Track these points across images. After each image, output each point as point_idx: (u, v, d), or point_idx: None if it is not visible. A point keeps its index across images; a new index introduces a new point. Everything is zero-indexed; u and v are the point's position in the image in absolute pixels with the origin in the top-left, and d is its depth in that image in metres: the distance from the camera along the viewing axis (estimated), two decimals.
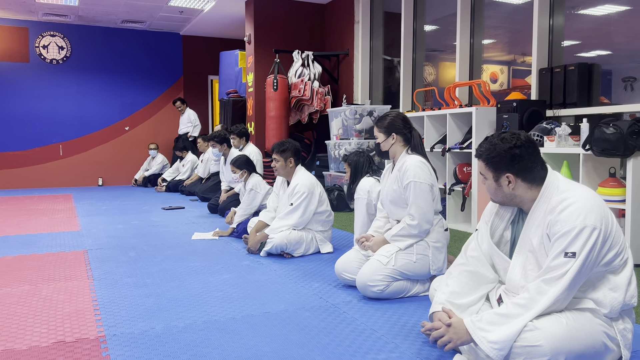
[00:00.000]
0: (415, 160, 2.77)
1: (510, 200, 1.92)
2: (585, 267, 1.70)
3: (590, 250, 1.69)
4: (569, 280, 1.70)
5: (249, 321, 2.37)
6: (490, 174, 1.91)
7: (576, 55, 4.69)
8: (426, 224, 2.72)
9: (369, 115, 6.30)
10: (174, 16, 8.97)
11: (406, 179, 2.73)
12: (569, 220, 1.71)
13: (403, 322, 2.35)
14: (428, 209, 2.71)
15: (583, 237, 1.69)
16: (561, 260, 1.71)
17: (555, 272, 1.72)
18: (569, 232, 1.70)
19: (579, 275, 1.70)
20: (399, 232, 2.74)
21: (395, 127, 2.84)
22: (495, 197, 1.96)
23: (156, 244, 4.19)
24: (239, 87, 8.76)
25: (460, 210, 4.93)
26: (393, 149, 2.87)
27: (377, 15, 7.34)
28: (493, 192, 1.94)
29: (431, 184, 2.75)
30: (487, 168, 1.90)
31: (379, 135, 2.90)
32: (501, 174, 1.87)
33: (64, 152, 9.70)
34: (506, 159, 1.84)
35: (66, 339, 2.17)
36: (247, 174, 4.67)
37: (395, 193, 2.81)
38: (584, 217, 1.70)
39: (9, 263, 3.55)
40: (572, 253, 1.70)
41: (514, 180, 1.86)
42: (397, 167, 2.83)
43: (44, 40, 9.42)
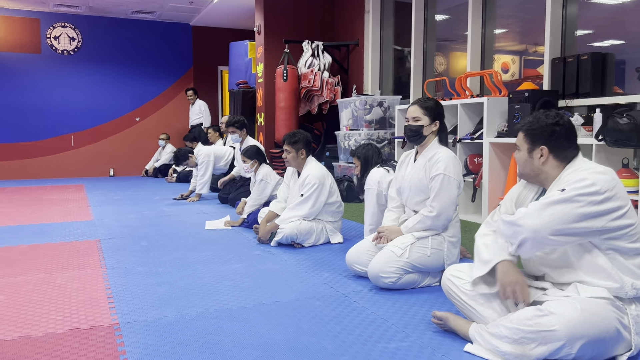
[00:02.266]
0: (449, 153, 2.72)
1: (536, 175, 1.97)
2: (569, 204, 1.75)
3: (579, 194, 1.75)
4: (545, 203, 1.79)
5: (260, 310, 2.39)
6: (525, 145, 1.97)
7: (589, 44, 4.63)
8: (445, 219, 2.70)
9: (379, 106, 6.28)
10: (184, 7, 8.97)
11: (436, 170, 2.68)
12: (575, 175, 1.82)
13: (413, 312, 2.36)
14: (450, 204, 2.69)
15: (580, 183, 1.77)
16: (553, 192, 1.83)
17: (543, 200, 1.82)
18: (571, 180, 1.81)
19: (559, 206, 1.76)
20: (416, 225, 2.72)
21: (441, 114, 2.78)
22: (522, 169, 2.01)
23: (168, 233, 4.22)
24: (248, 77, 8.75)
25: (471, 201, 4.92)
26: (430, 136, 2.77)
27: (387, 4, 7.29)
28: (522, 163, 1.99)
29: (459, 181, 2.72)
30: (525, 139, 1.97)
31: (423, 119, 2.74)
32: (536, 146, 1.94)
33: (75, 142, 9.78)
34: (545, 133, 1.92)
35: (81, 326, 2.20)
36: (258, 164, 4.69)
37: (420, 182, 2.75)
38: (589, 174, 1.79)
39: (23, 252, 3.60)
40: (562, 189, 1.80)
41: (547, 154, 1.92)
42: (427, 157, 2.75)
43: (55, 31, 9.47)
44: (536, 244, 1.82)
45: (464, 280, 2.07)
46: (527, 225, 1.81)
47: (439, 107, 2.79)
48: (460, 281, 2.08)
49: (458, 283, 2.08)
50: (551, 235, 1.77)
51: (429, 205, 2.70)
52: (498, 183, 4.51)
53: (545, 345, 1.67)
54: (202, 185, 6.21)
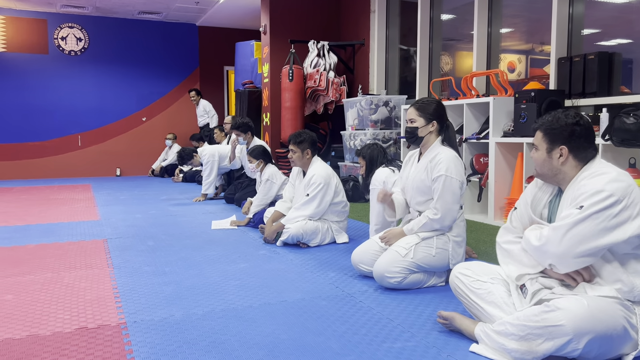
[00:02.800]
0: (451, 154, 2.71)
1: (553, 175, 1.96)
2: (589, 222, 1.74)
3: (599, 210, 1.74)
4: (566, 225, 1.78)
5: (266, 309, 2.40)
6: (544, 145, 1.95)
7: (596, 44, 4.61)
8: (449, 220, 2.69)
9: (385, 106, 6.28)
10: (190, 7, 8.99)
11: (438, 171, 2.67)
12: (590, 184, 1.81)
13: (419, 312, 2.36)
14: (454, 205, 2.68)
15: (597, 197, 1.76)
16: (570, 211, 1.81)
17: (562, 221, 1.81)
18: (586, 192, 1.80)
19: (579, 227, 1.75)
20: (420, 227, 2.72)
21: (438, 114, 2.76)
22: (540, 169, 1.99)
23: (174, 233, 4.24)
24: (254, 77, 8.77)
25: (477, 201, 4.91)
26: (428, 137, 2.77)
27: (393, 4, 7.28)
28: (541, 163, 1.97)
29: (462, 181, 2.71)
30: (544, 139, 1.96)
31: (418, 120, 2.76)
32: (555, 146, 1.93)
33: (82, 142, 9.83)
34: (566, 133, 1.91)
35: (88, 325, 2.22)
36: (263, 164, 4.70)
37: (422, 183, 2.75)
38: (605, 184, 1.77)
39: (31, 251, 3.63)
40: (580, 206, 1.78)
41: (567, 154, 1.91)
42: (429, 157, 2.75)
43: (62, 32, 9.53)
44: (566, 266, 1.82)
45: (472, 278, 2.07)
46: (552, 252, 1.82)
47: (435, 107, 2.77)
48: (468, 279, 2.08)
49: (466, 281, 2.08)
50: (578, 257, 1.77)
51: (433, 207, 2.70)
52: (504, 183, 4.50)
53: (552, 341, 1.67)
54: (208, 185, 6.23)
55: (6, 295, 2.64)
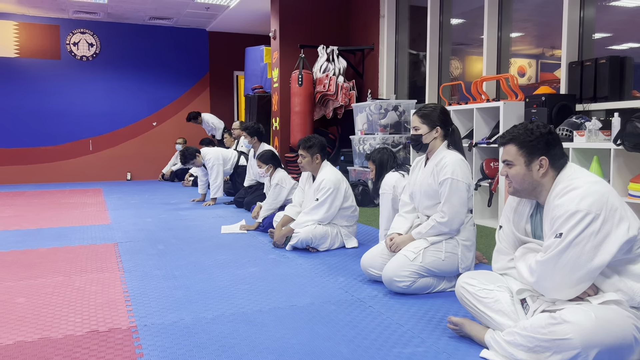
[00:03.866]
0: (456, 157, 2.71)
1: (533, 189, 1.92)
2: (573, 249, 1.72)
3: (579, 234, 1.71)
4: (551, 258, 1.75)
5: (275, 314, 2.40)
6: (521, 159, 1.90)
7: (607, 48, 4.58)
8: (457, 222, 2.68)
9: (394, 110, 6.27)
10: (200, 12, 9.06)
11: (444, 175, 2.67)
12: (564, 204, 1.77)
13: (429, 317, 2.35)
14: (461, 208, 2.67)
15: (573, 220, 1.72)
16: (551, 240, 1.78)
17: (546, 253, 1.78)
18: (562, 215, 1.76)
19: (564, 257, 1.73)
20: (428, 230, 2.71)
21: (441, 120, 2.76)
22: (520, 185, 1.93)
23: (184, 237, 4.26)
24: (264, 82, 8.81)
25: (487, 206, 4.88)
26: (433, 142, 2.78)
27: (402, 9, 7.29)
28: (520, 179, 1.92)
29: (468, 184, 2.70)
30: (520, 152, 1.90)
31: (421, 127, 2.78)
32: (534, 158, 1.88)
33: (93, 147, 9.92)
34: (543, 143, 1.87)
35: (99, 329, 2.23)
36: (273, 168, 4.71)
37: (429, 187, 2.75)
38: (578, 202, 1.73)
39: (43, 255, 3.66)
40: (559, 234, 1.75)
41: (546, 164, 1.88)
42: (434, 161, 2.75)
43: (74, 38, 9.63)
44: (566, 296, 1.79)
45: (477, 287, 2.06)
46: (548, 288, 1.80)
47: (438, 113, 2.77)
48: (474, 288, 2.07)
49: (472, 290, 2.07)
50: (575, 286, 1.75)
51: (440, 210, 2.69)
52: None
53: (559, 354, 1.65)
54: (216, 189, 6.25)
55: (19, 298, 2.66)
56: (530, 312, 1.88)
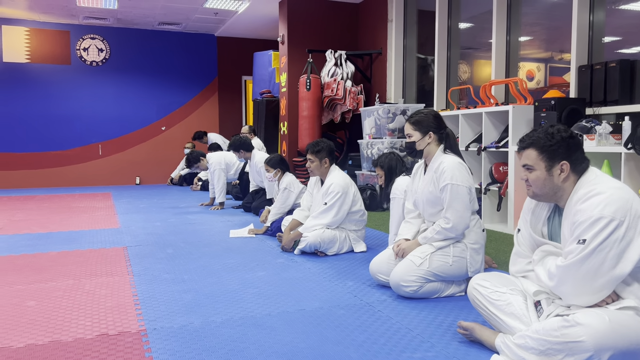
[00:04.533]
0: (453, 161, 2.70)
1: (554, 193, 1.89)
2: (596, 256, 1.69)
3: (603, 240, 1.68)
4: (573, 264, 1.72)
5: (284, 318, 2.40)
6: (542, 164, 1.87)
7: (617, 51, 4.56)
8: (462, 226, 2.67)
9: (402, 114, 6.27)
10: (209, 18, 9.11)
11: (443, 181, 2.67)
12: (587, 209, 1.74)
13: (439, 322, 2.34)
14: (465, 212, 2.66)
15: (597, 226, 1.69)
16: (574, 246, 1.75)
17: (567, 258, 1.75)
18: (585, 220, 1.73)
19: (587, 263, 1.70)
20: (434, 235, 2.70)
21: (432, 125, 2.76)
22: (540, 190, 1.90)
23: (193, 241, 4.27)
24: (272, 87, 8.83)
25: (497, 210, 4.86)
26: (428, 148, 2.78)
27: (410, 13, 7.29)
28: (541, 183, 1.88)
29: (469, 187, 2.69)
30: (540, 157, 1.87)
31: (413, 134, 2.79)
32: (555, 163, 1.86)
33: (103, 151, 9.98)
34: (564, 147, 1.85)
35: (109, 332, 2.24)
36: (281, 173, 4.72)
37: (431, 195, 2.74)
38: (602, 208, 1.71)
39: (53, 258, 3.68)
40: (582, 240, 1.72)
41: (567, 169, 1.85)
42: (433, 168, 2.75)
43: (84, 43, 9.72)
44: (587, 303, 1.76)
45: (490, 290, 2.04)
46: (568, 293, 1.77)
47: (430, 120, 2.77)
48: (486, 290, 2.05)
49: (484, 292, 2.06)
50: (597, 293, 1.72)
51: (444, 217, 2.68)
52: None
53: (572, 357, 1.64)
54: (220, 193, 6.28)
55: (29, 301, 2.68)
56: (544, 315, 1.86)
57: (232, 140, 5.94)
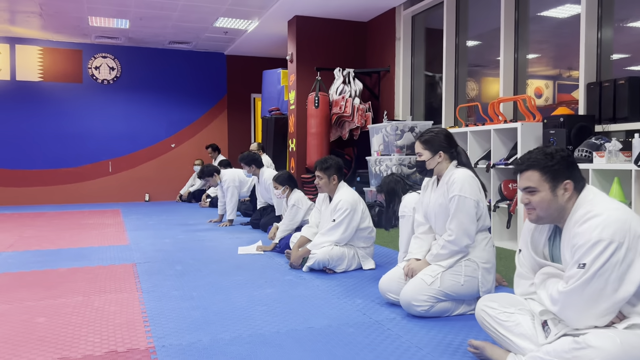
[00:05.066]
0: (466, 173, 2.69)
1: (557, 214, 1.87)
2: (597, 279, 1.67)
3: (603, 264, 1.66)
4: (575, 289, 1.70)
5: (293, 335, 2.39)
6: (546, 185, 1.84)
7: (625, 68, 4.56)
8: (466, 239, 2.64)
9: (411, 131, 6.28)
10: (218, 37, 9.23)
11: (452, 192, 2.66)
12: (586, 232, 1.72)
13: (449, 341, 2.32)
14: (469, 225, 2.64)
15: (596, 250, 1.67)
16: (574, 270, 1.73)
17: (568, 283, 1.73)
18: (584, 244, 1.71)
19: (589, 288, 1.68)
20: (440, 251, 2.68)
21: (442, 145, 2.76)
22: (546, 212, 1.87)
23: (201, 258, 4.28)
24: (281, 104, 8.89)
25: (506, 228, 4.83)
26: (438, 167, 2.78)
27: (418, 31, 7.35)
28: (546, 205, 1.85)
29: (477, 200, 2.67)
30: (543, 178, 1.84)
31: (423, 153, 2.78)
32: (559, 182, 1.84)
33: (113, 168, 10.06)
34: (565, 166, 1.84)
35: (118, 349, 2.24)
36: (289, 190, 4.73)
37: (441, 208, 2.74)
38: (600, 231, 1.69)
39: (63, 275, 3.70)
40: (582, 264, 1.70)
41: (571, 188, 1.84)
42: (444, 181, 2.74)
43: (96, 62, 9.86)
44: (591, 326, 1.73)
45: (498, 311, 2.02)
46: (572, 318, 1.75)
47: (441, 139, 2.76)
48: (494, 311, 2.03)
49: (492, 313, 2.04)
50: (601, 317, 1.70)
51: (448, 228, 2.67)
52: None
53: None
54: (231, 210, 6.30)
55: (39, 317, 2.69)
56: (551, 335, 1.84)
57: (244, 154, 5.96)
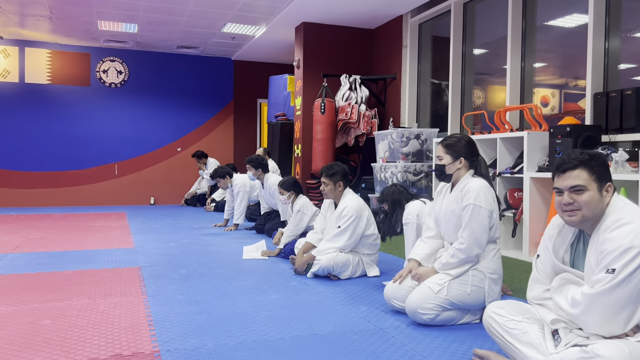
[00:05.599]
0: (481, 183, 2.69)
1: (595, 216, 1.84)
2: (625, 286, 1.66)
3: (633, 271, 1.66)
4: (601, 293, 1.69)
5: (297, 342, 2.39)
6: (594, 184, 1.82)
7: (632, 78, 4.55)
8: (477, 248, 2.64)
9: (416, 139, 6.29)
10: (226, 42, 9.28)
11: (466, 200, 2.66)
12: (617, 238, 1.71)
13: (453, 350, 2.32)
14: (481, 234, 2.64)
15: (627, 256, 1.67)
16: (602, 275, 1.72)
17: (595, 287, 1.72)
18: (614, 250, 1.70)
19: (615, 293, 1.67)
20: (449, 260, 2.67)
21: (464, 151, 2.76)
22: (592, 212, 1.83)
23: (206, 262, 4.29)
24: (287, 110, 8.92)
25: (512, 237, 4.82)
26: (457, 173, 2.78)
27: (425, 39, 7.37)
28: (594, 205, 1.82)
29: (491, 210, 2.67)
30: (593, 177, 1.82)
31: (444, 157, 2.78)
32: (604, 184, 1.84)
33: (119, 171, 10.10)
34: (606, 169, 1.84)
35: (123, 353, 2.25)
36: (295, 195, 4.74)
37: (453, 214, 2.74)
38: (632, 238, 1.69)
39: (68, 277, 3.71)
40: (612, 269, 1.69)
41: (612, 190, 1.84)
42: (459, 188, 2.74)
43: (104, 65, 9.93)
44: (610, 333, 1.73)
45: (506, 318, 2.02)
46: (592, 323, 1.73)
47: (464, 144, 2.77)
48: (502, 319, 2.03)
49: (500, 320, 2.04)
50: (623, 324, 1.69)
51: (460, 236, 2.66)
52: (539, 218, 4.41)
53: None
54: (239, 215, 6.30)
55: (45, 320, 2.71)
56: (561, 345, 1.83)
57: (252, 156, 5.98)
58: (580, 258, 1.91)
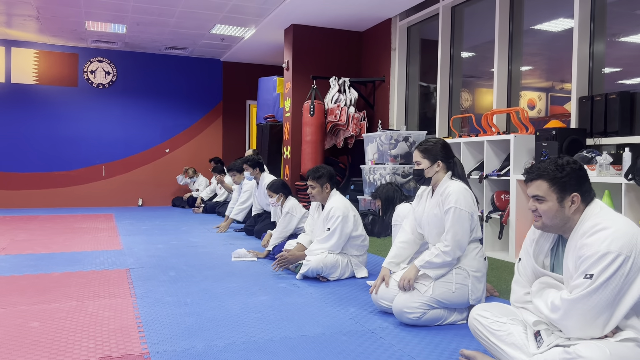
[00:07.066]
0: (460, 186, 2.75)
1: (562, 224, 1.90)
2: (603, 291, 1.70)
3: (610, 276, 1.69)
4: (580, 299, 1.72)
5: (286, 343, 2.41)
6: (554, 195, 1.88)
7: (617, 82, 4.63)
8: (459, 251, 2.69)
9: (405, 141, 6.33)
10: (215, 43, 9.27)
11: (447, 204, 2.71)
12: (594, 244, 1.74)
13: (441, 350, 2.35)
14: (463, 237, 2.69)
15: (604, 261, 1.70)
16: (580, 280, 1.75)
17: (573, 292, 1.75)
18: (592, 255, 1.73)
19: (593, 298, 1.70)
20: (433, 259, 2.70)
21: (440, 154, 2.82)
22: (551, 221, 1.90)
23: (195, 264, 4.28)
24: (276, 112, 8.93)
25: (498, 238, 4.88)
26: (436, 176, 2.83)
27: (413, 42, 7.42)
28: (552, 215, 1.88)
29: (471, 212, 2.73)
30: (552, 189, 1.88)
31: (422, 162, 2.84)
32: (567, 195, 1.87)
33: (106, 172, 10.04)
34: (574, 179, 1.86)
35: (112, 354, 2.25)
36: (284, 197, 4.75)
37: (436, 218, 2.78)
38: (609, 243, 1.72)
39: (56, 279, 3.69)
40: (590, 275, 1.72)
41: (578, 201, 1.86)
42: (439, 192, 2.79)
43: (91, 66, 9.87)
44: (590, 336, 1.75)
45: (490, 320, 2.05)
46: (572, 327, 1.76)
47: (439, 148, 2.83)
48: (487, 320, 2.06)
49: (485, 322, 2.07)
50: (602, 328, 1.72)
51: (443, 239, 2.71)
52: (525, 220, 4.47)
53: None
54: (239, 211, 6.31)
55: (33, 322, 2.69)
56: (544, 346, 1.87)
57: (249, 156, 5.97)
58: (560, 262, 1.95)
